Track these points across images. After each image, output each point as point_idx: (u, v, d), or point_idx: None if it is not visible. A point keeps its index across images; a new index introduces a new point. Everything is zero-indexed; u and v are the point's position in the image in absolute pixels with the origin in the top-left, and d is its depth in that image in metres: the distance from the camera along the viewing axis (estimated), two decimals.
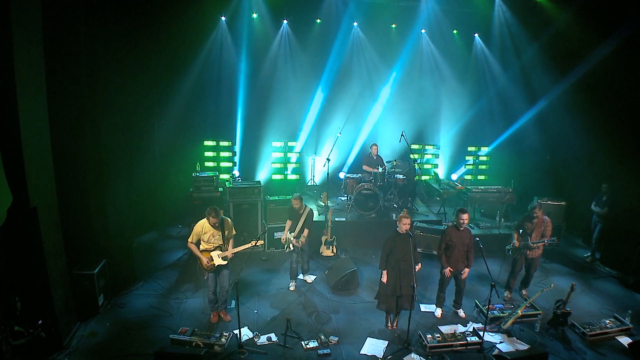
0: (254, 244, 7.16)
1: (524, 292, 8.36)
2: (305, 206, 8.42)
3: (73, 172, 6.81)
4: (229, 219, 7.29)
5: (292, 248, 8.39)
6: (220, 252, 7.09)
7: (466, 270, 7.52)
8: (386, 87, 12.96)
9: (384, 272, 7.18)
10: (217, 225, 6.98)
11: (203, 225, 7.04)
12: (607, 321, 7.45)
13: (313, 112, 12.64)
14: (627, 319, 7.42)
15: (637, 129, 9.44)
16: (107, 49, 7.41)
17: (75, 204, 6.92)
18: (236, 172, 12.14)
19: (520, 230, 8.17)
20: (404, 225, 7.04)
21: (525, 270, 8.33)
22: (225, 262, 7.16)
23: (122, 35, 8.11)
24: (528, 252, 8.04)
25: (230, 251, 7.15)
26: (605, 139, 10.03)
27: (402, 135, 11.12)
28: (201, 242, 7.07)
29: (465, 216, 7.31)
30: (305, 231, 8.35)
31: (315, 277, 9.04)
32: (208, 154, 12.20)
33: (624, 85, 9.58)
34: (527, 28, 12.02)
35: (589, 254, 10.23)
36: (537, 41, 11.70)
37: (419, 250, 8.05)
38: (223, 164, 12.40)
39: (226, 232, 7.13)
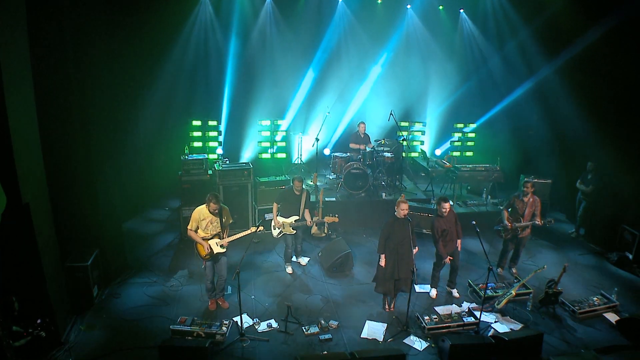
0: (253, 231, 7.05)
1: (513, 270, 8.53)
2: (303, 188, 8.33)
3: (62, 161, 6.55)
4: (227, 207, 7.15)
5: (293, 231, 8.29)
6: (219, 239, 6.98)
7: (459, 241, 7.68)
8: (375, 65, 12.77)
9: (382, 256, 7.22)
10: (216, 211, 6.84)
11: (201, 212, 6.90)
12: (595, 298, 7.69)
13: (302, 90, 12.41)
14: (613, 296, 7.68)
15: (622, 109, 9.58)
16: (91, 33, 7.04)
17: (65, 194, 6.68)
18: (219, 151, 11.91)
19: (510, 209, 8.28)
20: (403, 210, 7.05)
21: (515, 248, 8.48)
22: (224, 250, 7.07)
23: (106, 18, 7.74)
24: (520, 230, 8.17)
25: (227, 239, 7.04)
26: (591, 118, 10.16)
27: (390, 114, 11.06)
28: (198, 229, 6.93)
29: (447, 205, 7.47)
30: (307, 211, 8.29)
31: (308, 259, 9.04)
32: (196, 134, 11.91)
33: (611, 67, 9.65)
34: (515, 6, 11.95)
35: (574, 230, 10.51)
36: (527, 21, 11.64)
37: None
38: (211, 144, 12.14)
39: (224, 219, 7.01)
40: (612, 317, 7.34)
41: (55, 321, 5.90)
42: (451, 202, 7.94)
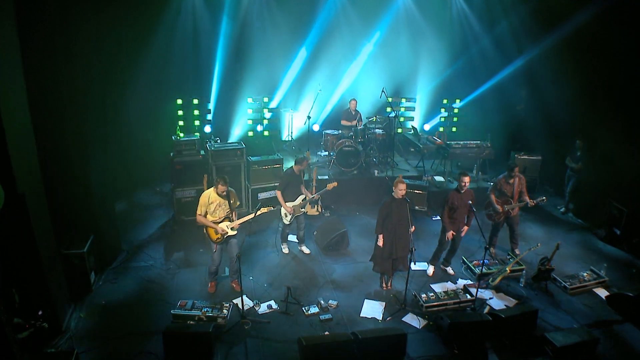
0: (263, 212, 7.03)
1: (516, 251, 8.54)
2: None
3: (55, 148, 6.37)
4: (233, 190, 7.12)
5: (304, 210, 8.29)
6: (229, 222, 6.94)
7: (465, 228, 7.73)
8: (367, 44, 12.55)
9: (380, 236, 7.26)
10: (224, 193, 6.78)
11: (209, 196, 6.84)
12: (585, 274, 7.90)
13: (294, 68, 12.18)
14: (602, 271, 7.91)
15: (611, 87, 9.64)
16: (78, 17, 6.73)
17: (59, 181, 6.53)
18: (207, 129, 11.72)
19: (497, 193, 8.30)
20: (401, 190, 7.06)
21: (509, 228, 8.54)
22: (235, 233, 7.05)
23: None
24: (510, 211, 8.27)
25: (238, 221, 7.01)
26: (581, 96, 10.22)
27: (382, 91, 11.00)
28: (207, 214, 6.87)
29: (466, 179, 7.38)
30: (302, 187, 8.29)
31: (310, 252, 8.79)
32: (179, 113, 11.65)
33: (602, 45, 9.67)
34: None
35: (563, 206, 10.70)
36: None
37: None
38: (197, 122, 11.89)
39: (232, 202, 6.96)
40: (602, 293, 7.58)
41: (56, 310, 5.84)
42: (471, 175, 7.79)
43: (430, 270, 8.10)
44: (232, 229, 6.98)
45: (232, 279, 7.44)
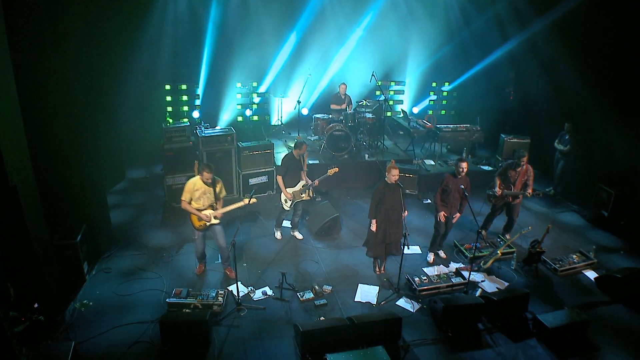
0: (246, 203, 6.99)
1: (507, 236, 8.63)
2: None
3: (45, 138, 6.25)
4: (220, 179, 7.06)
5: (304, 196, 8.26)
6: (212, 211, 6.92)
7: (457, 215, 7.77)
8: (358, 27, 12.47)
9: (373, 221, 7.30)
10: (209, 181, 6.75)
11: (195, 183, 6.80)
12: (574, 256, 8.05)
13: (284, 53, 12.07)
14: (591, 253, 8.06)
15: (600, 71, 9.68)
16: (67, 4, 6.57)
17: (50, 171, 6.42)
18: (196, 114, 11.60)
19: (503, 177, 8.38)
20: (394, 176, 7.07)
21: (508, 215, 8.60)
22: (217, 222, 7.03)
23: None
24: (510, 199, 8.34)
25: (221, 210, 6.99)
26: (570, 79, 10.28)
27: (372, 75, 10.95)
28: (192, 201, 6.84)
29: (464, 165, 7.42)
30: (303, 173, 8.26)
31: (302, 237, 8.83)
32: (172, 98, 11.50)
33: (592, 29, 9.70)
34: None
35: (551, 188, 10.82)
36: None
37: None
38: (186, 108, 11.77)
39: (217, 190, 6.93)
40: (590, 274, 7.73)
41: (51, 302, 5.81)
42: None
43: (431, 257, 8.10)
44: (214, 217, 6.97)
45: (224, 266, 7.46)
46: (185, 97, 11.48)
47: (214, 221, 6.98)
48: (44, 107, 6.19)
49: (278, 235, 8.61)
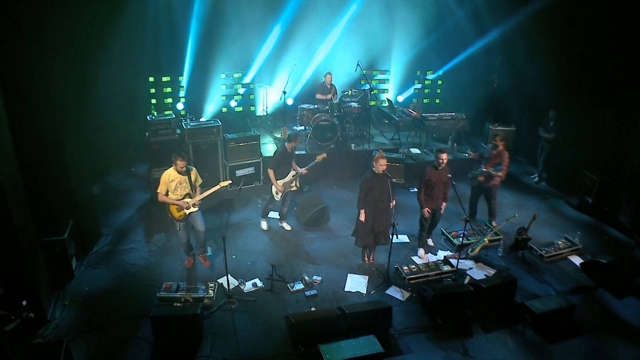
0: (223, 186, 6.99)
1: (493, 223, 8.75)
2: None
3: (29, 132, 6.12)
4: (194, 168, 7.05)
5: (294, 187, 8.27)
6: (190, 199, 6.89)
7: (444, 204, 7.82)
8: (342, 18, 12.34)
9: (362, 211, 7.33)
10: (184, 169, 6.71)
11: (169, 174, 6.76)
12: (560, 242, 8.20)
13: (269, 43, 11.91)
14: (576, 239, 8.22)
15: (585, 59, 9.77)
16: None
17: (35, 166, 6.30)
18: (180, 106, 11.46)
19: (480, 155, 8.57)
20: (381, 166, 7.09)
21: (486, 200, 8.75)
22: (196, 209, 7.02)
23: None
24: (482, 179, 8.44)
25: (198, 197, 6.96)
26: (555, 68, 10.38)
27: (358, 64, 10.93)
28: (168, 192, 6.80)
29: (444, 155, 7.43)
30: (294, 163, 8.25)
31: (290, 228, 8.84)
32: (155, 90, 11.31)
33: (576, 17, 9.77)
34: None
35: (536, 176, 10.98)
36: None
37: None
38: (170, 100, 11.59)
39: (192, 178, 6.89)
40: (576, 260, 7.90)
41: (40, 299, 5.74)
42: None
43: (421, 252, 8.07)
44: (193, 205, 6.94)
45: (198, 252, 7.46)
46: (169, 89, 11.29)
47: (192, 209, 6.95)
48: (26, 104, 6.05)
49: (264, 225, 8.59)
